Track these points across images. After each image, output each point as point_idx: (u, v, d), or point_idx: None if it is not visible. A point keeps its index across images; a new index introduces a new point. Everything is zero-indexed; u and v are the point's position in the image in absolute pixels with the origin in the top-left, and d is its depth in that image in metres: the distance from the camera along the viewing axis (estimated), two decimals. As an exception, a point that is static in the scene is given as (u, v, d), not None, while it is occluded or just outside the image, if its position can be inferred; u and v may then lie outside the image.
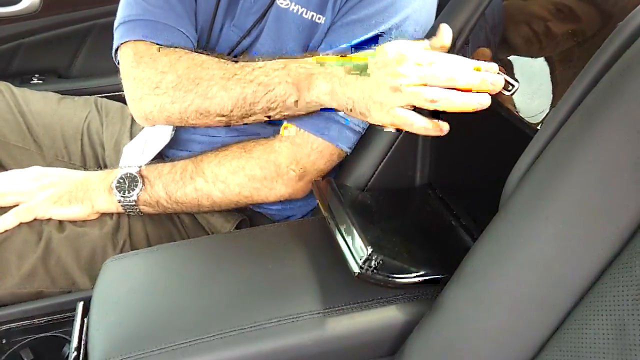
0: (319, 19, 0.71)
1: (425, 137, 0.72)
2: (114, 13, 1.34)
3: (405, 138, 0.71)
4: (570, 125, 0.49)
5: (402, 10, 0.69)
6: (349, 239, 0.54)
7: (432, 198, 0.71)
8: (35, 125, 0.95)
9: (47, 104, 1.01)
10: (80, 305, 0.62)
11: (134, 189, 0.71)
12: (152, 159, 0.80)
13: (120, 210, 0.74)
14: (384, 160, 0.71)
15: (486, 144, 0.68)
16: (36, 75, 1.35)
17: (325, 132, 0.69)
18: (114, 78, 1.34)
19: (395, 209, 0.70)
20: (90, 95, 1.23)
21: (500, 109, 0.66)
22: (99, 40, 1.38)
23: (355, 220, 0.55)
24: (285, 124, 0.71)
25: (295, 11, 0.71)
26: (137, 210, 0.73)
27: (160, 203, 0.73)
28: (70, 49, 1.38)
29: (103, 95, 1.18)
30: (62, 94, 1.11)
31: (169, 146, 0.81)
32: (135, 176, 0.72)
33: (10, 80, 1.28)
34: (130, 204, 0.72)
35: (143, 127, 0.86)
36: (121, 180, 0.72)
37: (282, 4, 0.72)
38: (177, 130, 0.82)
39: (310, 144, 0.70)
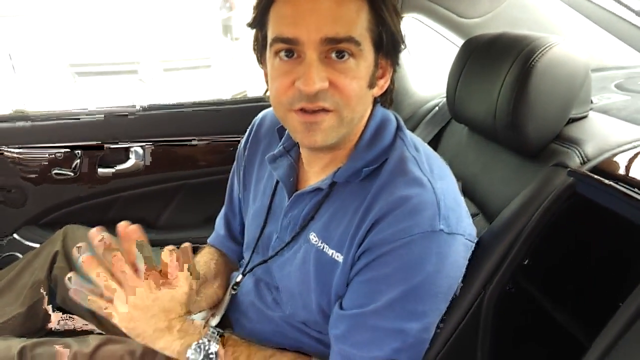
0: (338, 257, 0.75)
1: (484, 337, 0.78)
2: (202, 175, 1.55)
3: (462, 334, 0.76)
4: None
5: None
6: None
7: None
8: None
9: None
10: None
11: None
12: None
13: None
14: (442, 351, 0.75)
15: (542, 352, 0.72)
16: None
17: None
18: (195, 232, 1.51)
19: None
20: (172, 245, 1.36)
21: (556, 315, 0.71)
22: (186, 197, 1.57)
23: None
24: None
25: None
26: None
27: None
28: (160, 203, 1.56)
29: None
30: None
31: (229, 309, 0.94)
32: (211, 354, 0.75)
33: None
34: None
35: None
36: (197, 350, 0.75)
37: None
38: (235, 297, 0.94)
39: None
